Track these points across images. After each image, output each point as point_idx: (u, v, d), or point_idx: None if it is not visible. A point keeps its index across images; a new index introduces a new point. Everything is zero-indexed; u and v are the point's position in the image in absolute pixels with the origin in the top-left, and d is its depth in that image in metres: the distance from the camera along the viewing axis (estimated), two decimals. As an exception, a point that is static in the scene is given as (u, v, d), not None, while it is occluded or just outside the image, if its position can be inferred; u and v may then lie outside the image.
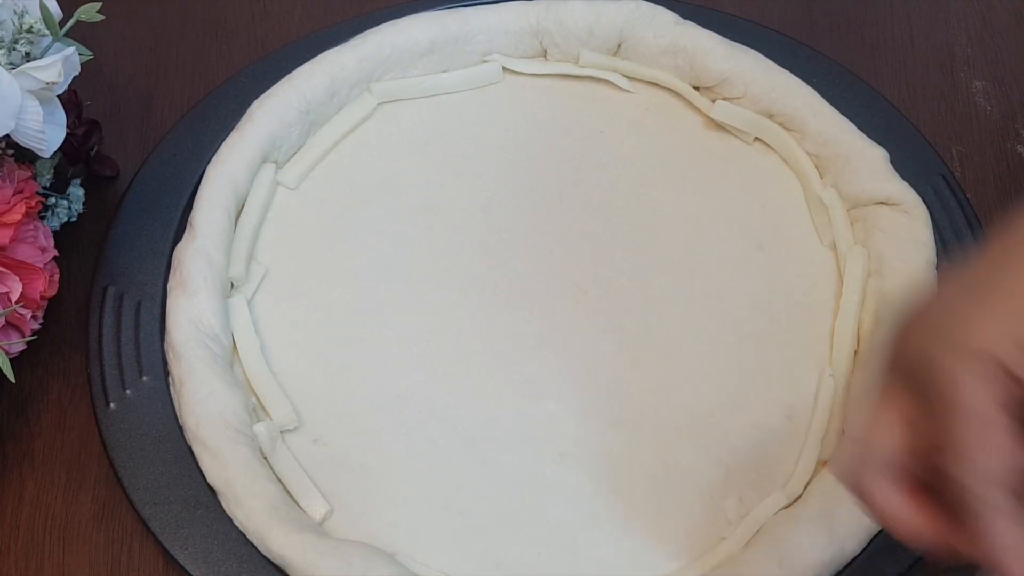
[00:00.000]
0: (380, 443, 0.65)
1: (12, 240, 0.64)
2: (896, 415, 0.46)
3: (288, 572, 0.60)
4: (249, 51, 0.82)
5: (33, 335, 0.65)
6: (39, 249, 0.66)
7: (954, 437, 0.43)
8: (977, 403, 0.43)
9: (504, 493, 0.64)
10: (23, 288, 0.64)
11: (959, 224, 0.71)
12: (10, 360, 0.63)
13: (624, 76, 0.78)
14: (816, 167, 0.74)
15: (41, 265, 0.65)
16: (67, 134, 0.66)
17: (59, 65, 0.62)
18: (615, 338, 0.69)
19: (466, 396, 0.67)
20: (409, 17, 0.77)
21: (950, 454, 0.44)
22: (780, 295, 0.70)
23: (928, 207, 0.71)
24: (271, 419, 0.65)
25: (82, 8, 0.65)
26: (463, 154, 0.76)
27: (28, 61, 0.63)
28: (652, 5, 0.77)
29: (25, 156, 0.66)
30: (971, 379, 0.43)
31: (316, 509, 0.62)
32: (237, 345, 0.68)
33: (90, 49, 0.66)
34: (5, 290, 0.63)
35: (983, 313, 0.44)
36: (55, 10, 0.64)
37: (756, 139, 0.76)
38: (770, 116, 0.75)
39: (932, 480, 0.45)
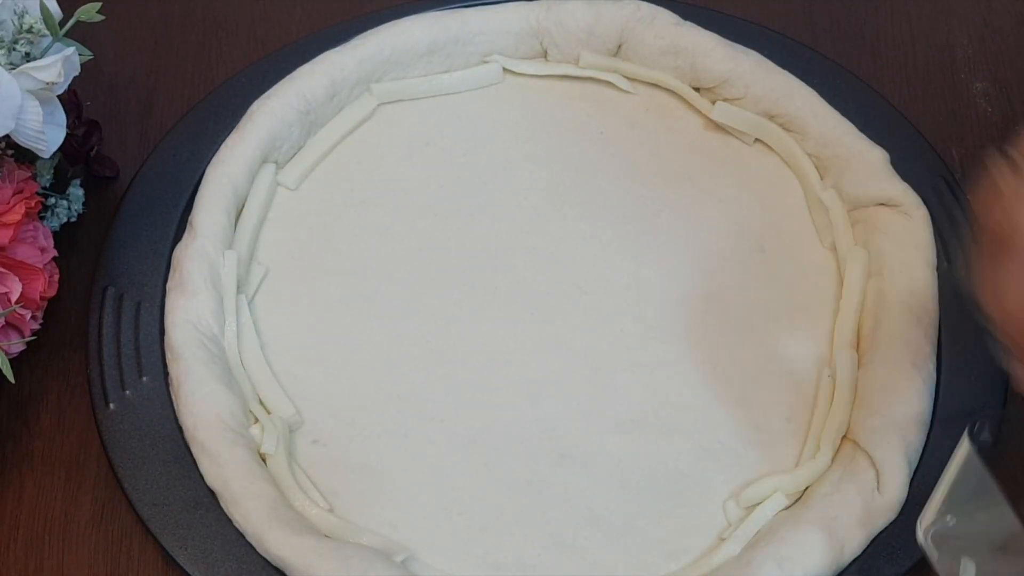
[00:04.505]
0: (380, 443, 0.65)
1: (12, 240, 0.64)
2: None
3: (287, 573, 0.60)
4: (249, 51, 0.82)
5: (33, 335, 0.65)
6: (39, 249, 0.66)
7: None
8: None
9: (504, 494, 0.64)
10: (23, 288, 0.64)
11: (959, 225, 0.71)
12: (9, 360, 0.63)
13: (624, 77, 0.78)
14: (816, 168, 0.74)
15: (41, 265, 0.65)
16: (67, 134, 0.66)
17: (59, 65, 0.62)
18: (615, 338, 0.69)
19: (466, 396, 0.67)
20: (409, 18, 0.77)
21: None
22: (780, 295, 0.70)
23: (928, 208, 0.71)
24: (272, 418, 0.65)
25: (82, 8, 0.65)
26: (463, 154, 0.76)
27: (28, 61, 0.63)
28: (652, 6, 0.77)
29: (25, 156, 0.66)
30: None
31: (315, 510, 0.62)
32: (238, 346, 0.68)
33: (90, 49, 0.66)
34: (5, 290, 0.63)
35: None
36: (55, 10, 0.64)
37: (756, 140, 0.76)
38: (770, 117, 0.75)
39: None
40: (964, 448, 0.53)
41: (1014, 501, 0.51)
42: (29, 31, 0.63)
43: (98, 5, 0.65)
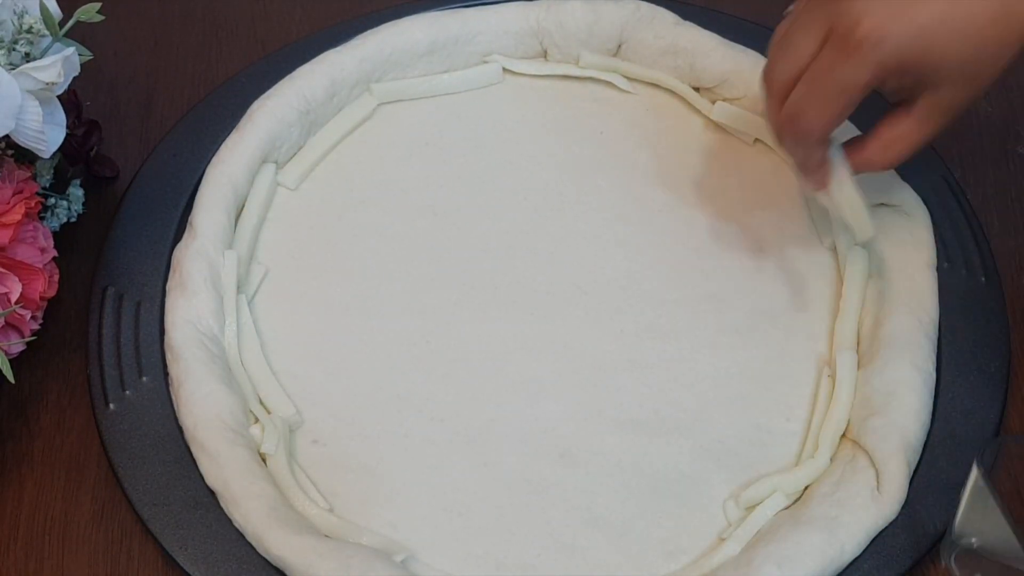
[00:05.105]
0: (380, 443, 0.65)
1: (12, 240, 0.64)
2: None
3: (287, 573, 0.60)
4: (249, 51, 0.82)
5: (32, 336, 0.65)
6: (39, 249, 0.66)
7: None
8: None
9: (504, 493, 0.64)
10: (23, 289, 0.64)
11: (959, 225, 0.71)
12: (9, 361, 0.63)
13: (624, 77, 0.78)
14: (816, 168, 0.74)
15: (41, 266, 0.65)
16: (67, 134, 0.66)
17: (59, 65, 0.62)
18: (614, 338, 0.69)
19: (466, 396, 0.67)
20: (409, 18, 0.77)
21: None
22: (780, 295, 0.70)
23: (928, 208, 0.71)
24: (273, 418, 0.65)
25: (82, 8, 0.65)
26: (463, 154, 0.76)
27: (28, 61, 0.63)
28: (652, 6, 0.77)
29: (25, 156, 0.66)
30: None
31: (315, 510, 0.62)
32: (238, 346, 0.68)
33: (90, 49, 0.66)
34: (5, 290, 0.63)
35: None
36: (55, 10, 0.64)
37: (756, 140, 0.76)
38: (770, 117, 0.75)
39: None
40: (973, 474, 0.54)
41: (1016, 524, 0.53)
42: (29, 31, 0.63)
43: (98, 5, 0.65)
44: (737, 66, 0.75)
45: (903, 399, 0.63)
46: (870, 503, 0.61)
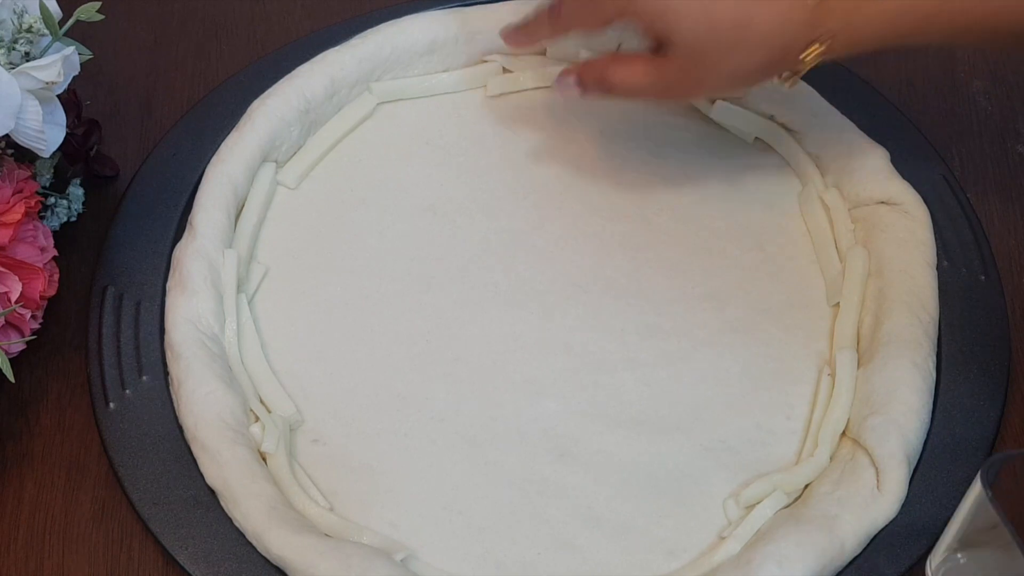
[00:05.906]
0: (380, 443, 0.65)
1: (12, 240, 0.64)
2: None
3: (287, 572, 0.60)
4: (249, 51, 0.82)
5: (32, 335, 0.65)
6: (39, 249, 0.66)
7: None
8: None
9: (504, 493, 0.64)
10: (23, 288, 0.64)
11: (959, 224, 0.71)
12: (9, 360, 0.63)
13: (624, 76, 0.78)
14: (817, 167, 0.74)
15: (41, 265, 0.65)
16: (67, 134, 0.66)
17: (59, 65, 0.62)
18: (615, 338, 0.69)
19: (466, 396, 0.67)
20: (409, 17, 0.77)
21: None
22: (780, 295, 0.70)
23: (928, 207, 0.71)
24: (273, 417, 0.65)
25: (82, 8, 0.65)
26: (463, 154, 0.76)
27: (28, 61, 0.63)
28: (652, 5, 0.77)
29: (25, 156, 0.66)
30: None
31: (315, 509, 0.62)
32: (238, 345, 0.68)
33: (90, 49, 0.66)
34: (5, 290, 0.63)
35: None
36: (55, 10, 0.64)
37: (756, 139, 0.76)
38: (770, 116, 0.75)
39: None
40: (976, 490, 0.53)
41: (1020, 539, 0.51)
42: (29, 31, 0.63)
43: (98, 5, 0.65)
44: (737, 65, 0.75)
45: (903, 398, 0.63)
46: (870, 502, 0.61)
